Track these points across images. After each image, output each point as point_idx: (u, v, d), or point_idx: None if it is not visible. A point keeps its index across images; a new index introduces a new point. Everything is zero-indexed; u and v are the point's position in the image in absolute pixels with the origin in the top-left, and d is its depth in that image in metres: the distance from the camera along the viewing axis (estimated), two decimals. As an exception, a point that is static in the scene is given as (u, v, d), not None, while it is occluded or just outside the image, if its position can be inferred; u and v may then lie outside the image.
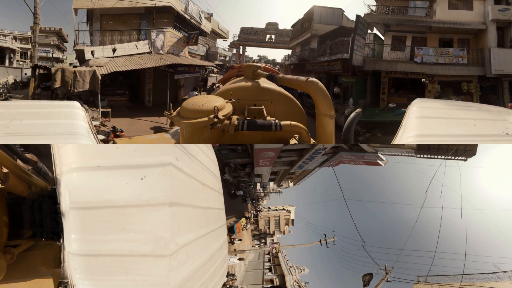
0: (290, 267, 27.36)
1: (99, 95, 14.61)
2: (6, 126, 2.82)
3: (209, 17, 25.95)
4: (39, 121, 2.99)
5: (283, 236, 43.61)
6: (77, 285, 1.93)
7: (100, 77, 14.00)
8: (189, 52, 21.91)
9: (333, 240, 29.84)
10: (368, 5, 19.87)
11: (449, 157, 16.84)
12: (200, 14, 22.53)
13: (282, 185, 40.24)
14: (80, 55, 16.63)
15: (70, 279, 1.94)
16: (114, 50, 16.25)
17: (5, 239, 2.23)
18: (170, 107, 3.08)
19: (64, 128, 2.96)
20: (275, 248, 28.22)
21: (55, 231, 2.22)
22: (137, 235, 1.88)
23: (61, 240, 1.94)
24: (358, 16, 18.19)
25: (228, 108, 3.13)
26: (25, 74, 28.25)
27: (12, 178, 2.11)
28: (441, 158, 17.53)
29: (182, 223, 1.99)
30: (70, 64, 42.68)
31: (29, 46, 40.68)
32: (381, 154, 19.09)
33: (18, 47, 38.73)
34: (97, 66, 14.63)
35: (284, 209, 43.69)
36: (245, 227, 29.53)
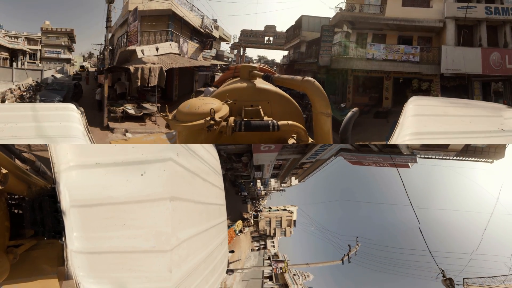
0: (294, 275, 25.08)
1: (157, 91, 16.43)
2: (0, 129, 2.81)
3: (216, 26, 29.88)
4: (34, 123, 2.96)
5: (284, 238, 41.84)
6: (82, 282, 1.94)
7: (165, 73, 15.48)
8: (202, 56, 26.75)
9: (357, 248, 24.67)
10: (335, 6, 21.86)
11: (475, 159, 16.62)
12: (211, 26, 26.85)
13: (286, 182, 37.65)
14: (127, 55, 17.60)
15: (75, 277, 1.95)
16: (157, 49, 18.11)
17: (7, 240, 2.24)
18: (166, 109, 3.09)
19: (59, 131, 2.93)
20: (281, 268, 21.38)
21: (56, 229, 2.23)
22: (138, 231, 1.89)
23: (63, 238, 1.96)
24: (322, 26, 21.30)
25: (224, 109, 3.14)
26: (52, 75, 27.92)
27: (11, 179, 2.12)
28: (466, 160, 17.34)
29: (183, 218, 2.01)
30: (81, 66, 43.11)
31: (39, 47, 40.94)
32: (419, 157, 18.42)
33: (32, 49, 38.86)
34: (155, 63, 15.77)
35: (286, 209, 41.94)
36: (242, 231, 27.15)
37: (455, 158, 17.83)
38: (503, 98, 18.36)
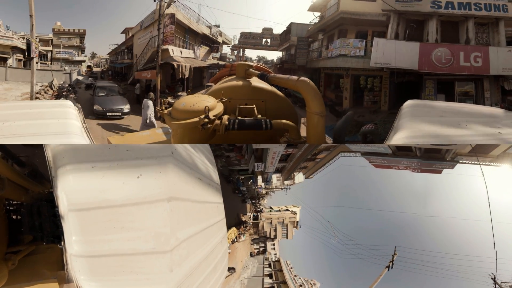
0: (301, 285, 23.21)
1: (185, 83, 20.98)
2: None
3: (220, 33, 34.85)
4: (32, 121, 2.95)
5: (286, 241, 39.69)
6: (83, 286, 1.94)
7: (192, 70, 20.23)
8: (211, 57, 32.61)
9: (396, 255, 22.98)
10: (309, 21, 27.32)
11: (482, 163, 16.08)
12: (217, 33, 32.24)
13: (291, 177, 34.57)
14: (156, 53, 19.98)
15: (76, 281, 1.95)
16: (181, 51, 22.66)
17: (5, 246, 2.23)
18: (162, 103, 3.10)
19: (57, 128, 2.92)
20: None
21: (55, 234, 2.23)
22: (137, 233, 1.89)
23: (62, 242, 1.95)
24: (297, 38, 27.24)
25: (219, 107, 3.15)
26: (91, 79, 28.11)
27: (9, 184, 2.11)
28: (473, 164, 16.83)
29: (181, 218, 2.01)
30: (88, 65, 43.94)
31: (50, 48, 41.15)
32: (463, 162, 17.75)
33: (44, 50, 39.02)
34: (185, 62, 19.73)
35: (288, 210, 39.69)
36: (237, 240, 23.53)
37: (462, 162, 17.42)
38: (473, 100, 17.13)
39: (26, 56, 15.11)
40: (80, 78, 30.65)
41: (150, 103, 12.66)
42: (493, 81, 17.01)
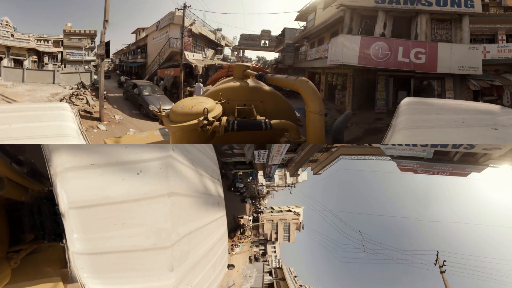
0: None
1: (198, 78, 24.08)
2: None
3: (223, 37, 38.28)
4: (28, 124, 2.96)
5: (287, 244, 37.35)
6: (87, 284, 1.94)
7: (204, 69, 24.77)
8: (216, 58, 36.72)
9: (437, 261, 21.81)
10: (299, 27, 31.55)
11: (484, 165, 15.43)
12: (220, 37, 35.90)
13: (298, 174, 30.73)
14: (172, 55, 25.51)
15: (79, 278, 1.95)
16: (193, 55, 26.50)
17: (7, 246, 2.24)
18: (160, 104, 3.10)
19: (53, 131, 2.93)
20: None
21: (56, 232, 2.23)
22: (138, 229, 1.90)
23: (64, 240, 1.96)
24: (286, 42, 31.85)
25: (218, 109, 3.15)
26: (124, 78, 29.01)
27: (8, 184, 2.11)
28: (474, 165, 16.39)
29: (182, 213, 2.01)
30: (94, 65, 44.62)
31: (61, 49, 41.79)
32: (492, 165, 16.95)
33: (57, 51, 39.58)
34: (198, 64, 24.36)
35: (290, 211, 37.26)
36: (229, 252, 20.54)
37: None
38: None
39: (105, 58, 14.97)
40: (95, 77, 31.36)
41: (201, 85, 15.34)
42: (459, 81, 16.02)
